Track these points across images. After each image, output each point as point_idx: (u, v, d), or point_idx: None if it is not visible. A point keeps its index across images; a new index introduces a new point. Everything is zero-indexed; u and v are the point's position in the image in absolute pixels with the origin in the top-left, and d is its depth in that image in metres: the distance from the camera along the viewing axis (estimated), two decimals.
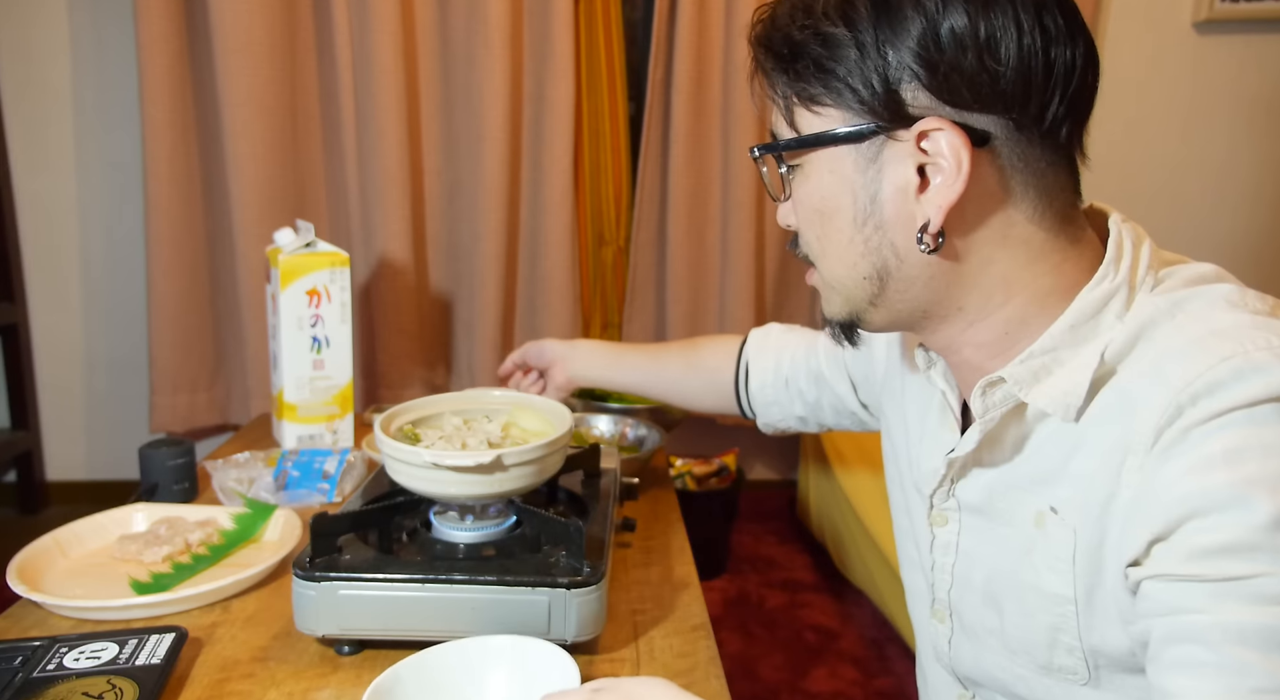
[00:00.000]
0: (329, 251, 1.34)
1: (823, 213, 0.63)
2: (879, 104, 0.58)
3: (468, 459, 0.80)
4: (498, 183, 2.34)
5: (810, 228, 0.65)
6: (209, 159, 2.30)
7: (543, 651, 0.70)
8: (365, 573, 0.78)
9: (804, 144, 0.62)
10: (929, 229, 0.59)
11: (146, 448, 1.15)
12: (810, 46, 0.59)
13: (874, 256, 0.62)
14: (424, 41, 2.32)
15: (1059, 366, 0.60)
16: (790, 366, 1.03)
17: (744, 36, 2.42)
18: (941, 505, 0.71)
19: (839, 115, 0.60)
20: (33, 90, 2.39)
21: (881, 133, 0.59)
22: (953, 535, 0.71)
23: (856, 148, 0.60)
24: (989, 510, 0.67)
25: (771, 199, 0.68)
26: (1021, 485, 0.64)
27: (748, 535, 2.66)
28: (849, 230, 0.62)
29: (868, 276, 0.63)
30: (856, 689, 1.91)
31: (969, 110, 0.57)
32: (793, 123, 0.63)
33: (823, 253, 0.65)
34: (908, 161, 0.58)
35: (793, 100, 0.62)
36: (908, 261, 0.61)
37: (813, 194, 0.63)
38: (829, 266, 0.65)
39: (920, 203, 0.59)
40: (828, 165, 0.61)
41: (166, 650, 0.75)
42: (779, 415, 1.06)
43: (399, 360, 2.42)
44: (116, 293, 2.50)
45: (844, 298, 0.66)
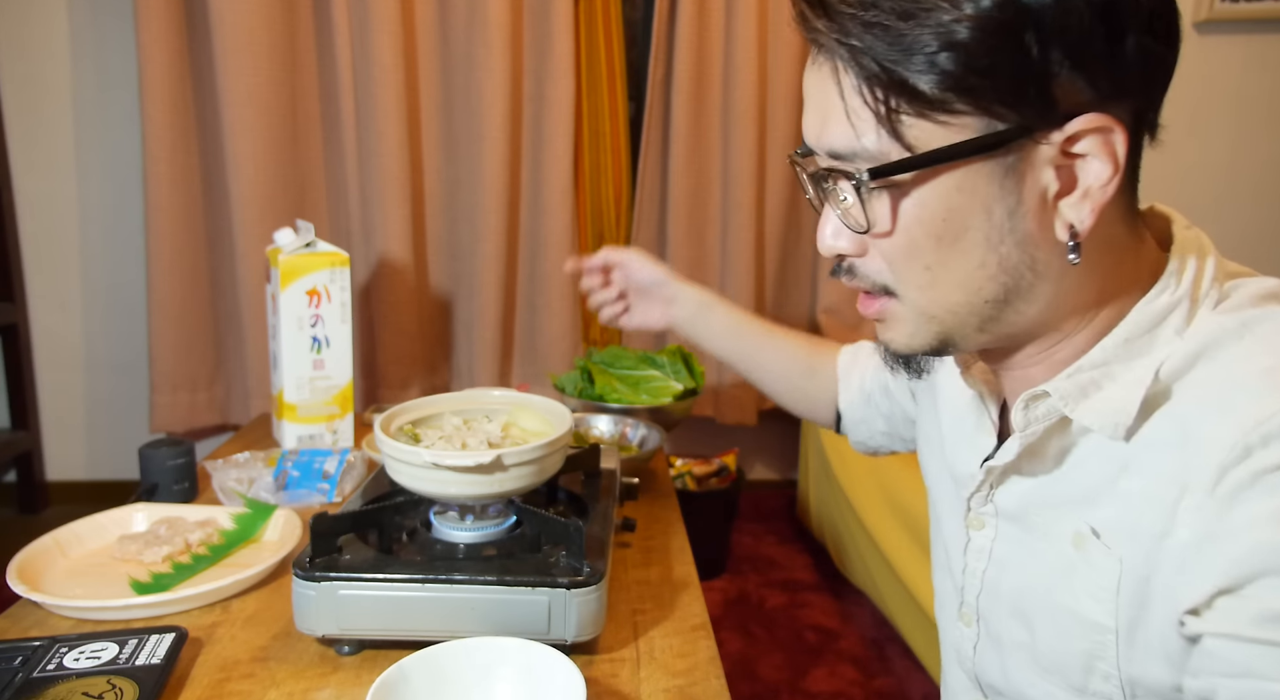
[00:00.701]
0: (329, 251, 1.34)
1: (942, 237, 0.54)
2: (1031, 103, 0.49)
3: (468, 459, 0.80)
4: (498, 183, 2.34)
5: (914, 257, 0.55)
6: (209, 159, 2.30)
7: (549, 657, 0.69)
8: (365, 573, 0.78)
9: (931, 161, 0.51)
10: (1079, 234, 0.52)
11: (146, 448, 1.15)
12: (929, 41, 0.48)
13: (1007, 277, 0.54)
14: (424, 41, 2.32)
15: (1109, 382, 0.55)
16: (871, 382, 0.97)
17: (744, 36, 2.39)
18: (979, 509, 0.67)
19: (974, 122, 0.50)
20: (32, 90, 2.39)
21: (1028, 137, 0.50)
22: (988, 541, 0.67)
23: (993, 157, 0.51)
24: (1025, 521, 0.63)
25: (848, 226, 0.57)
26: (1060, 500, 0.60)
27: (748, 535, 2.66)
28: (979, 252, 0.54)
29: (992, 300, 0.55)
30: (856, 689, 1.91)
31: (1116, 100, 0.50)
32: (902, 136, 0.51)
33: (930, 282, 0.56)
34: (1048, 164, 0.51)
35: (901, 109, 0.51)
36: (1044, 276, 0.55)
37: (930, 218, 0.53)
38: (939, 295, 0.56)
39: (1060, 209, 0.52)
40: (954, 182, 0.52)
41: (166, 650, 0.75)
42: (866, 433, 0.99)
43: (399, 360, 2.42)
44: (116, 293, 2.50)
45: (945, 327, 0.58)
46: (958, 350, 0.60)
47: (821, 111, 0.55)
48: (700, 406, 2.57)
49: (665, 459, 1.38)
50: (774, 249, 2.55)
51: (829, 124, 0.54)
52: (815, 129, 0.56)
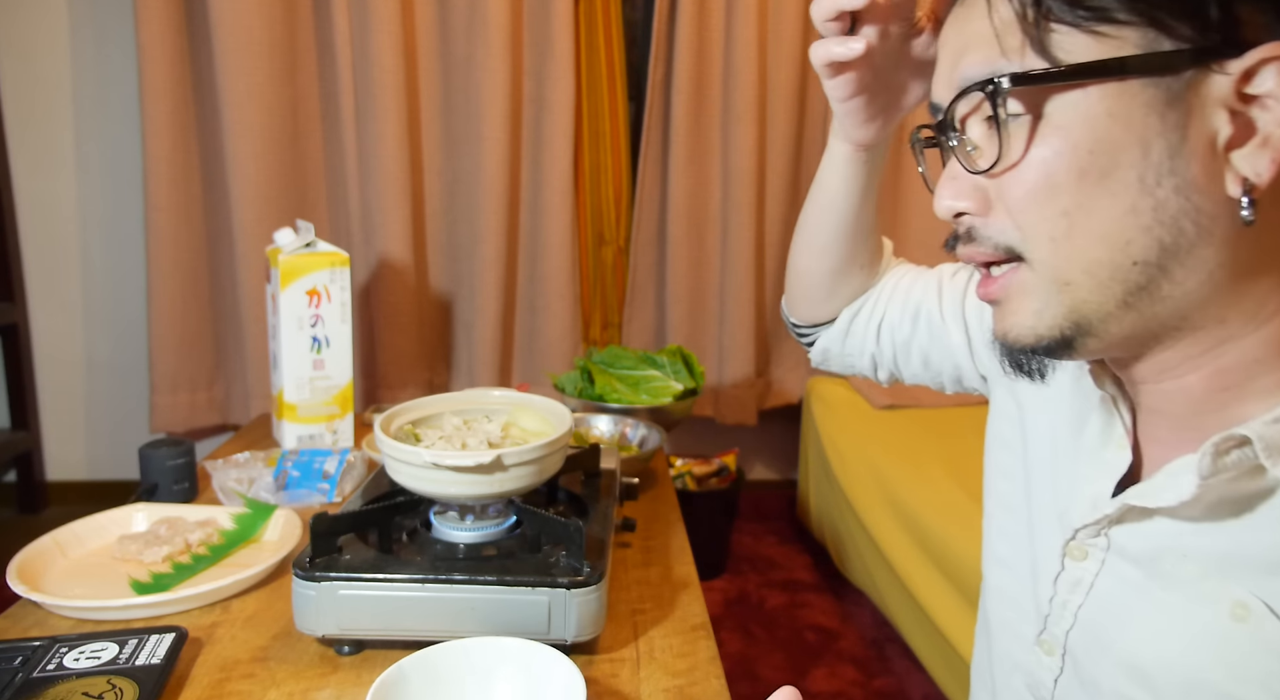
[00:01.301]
0: (329, 251, 1.34)
1: (1086, 172, 0.46)
2: (1211, 20, 0.42)
3: (468, 459, 0.80)
4: (498, 183, 2.34)
5: (1049, 199, 0.47)
6: (209, 159, 2.30)
7: (549, 657, 0.69)
8: (365, 573, 0.78)
9: (1080, 75, 0.44)
10: (1258, 186, 0.44)
11: (146, 448, 1.15)
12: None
13: (1164, 230, 0.45)
14: (424, 41, 2.32)
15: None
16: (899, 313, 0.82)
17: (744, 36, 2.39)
18: (1086, 540, 0.57)
19: (1136, 35, 0.43)
20: (33, 89, 2.39)
21: (1201, 61, 0.43)
22: (1087, 574, 0.57)
23: (1156, 82, 0.44)
24: (1153, 568, 0.53)
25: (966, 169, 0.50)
26: (1222, 558, 0.49)
27: (748, 535, 2.66)
28: (1130, 195, 0.45)
29: (1142, 260, 0.46)
30: (856, 689, 1.91)
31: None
32: (1047, 48, 0.45)
33: (1068, 232, 0.47)
34: (1220, 104, 0.44)
35: (1051, 17, 0.45)
36: (1209, 235, 0.45)
37: (1074, 147, 0.46)
38: (1077, 250, 0.47)
39: (1233, 162, 0.44)
40: (1105, 105, 0.45)
41: (166, 650, 0.75)
42: (854, 347, 0.85)
43: (399, 360, 2.42)
44: (116, 293, 2.50)
45: (1078, 299, 0.48)
46: (1094, 338, 0.49)
47: (958, 49, 0.50)
48: (700, 406, 2.57)
49: (665, 459, 1.38)
50: (774, 249, 2.55)
51: (967, 54, 0.49)
52: (948, 70, 0.51)
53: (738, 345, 2.51)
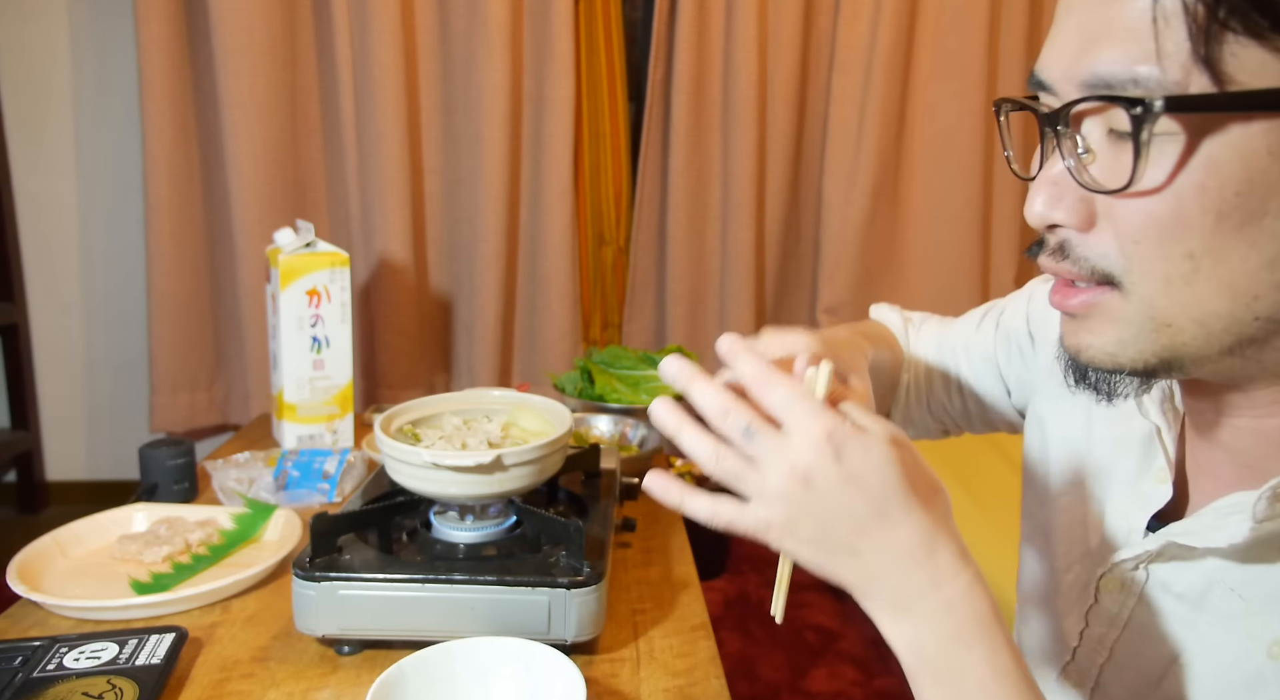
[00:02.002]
0: (329, 251, 1.34)
1: (1227, 217, 0.39)
2: None
3: (468, 459, 0.80)
4: (498, 183, 2.34)
5: (1175, 237, 0.40)
6: (209, 159, 2.30)
7: (549, 657, 0.69)
8: (365, 573, 0.78)
9: (1257, 104, 0.37)
10: None
11: (146, 448, 1.15)
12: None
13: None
14: (424, 41, 2.32)
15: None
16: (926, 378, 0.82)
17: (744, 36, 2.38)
18: (1124, 573, 0.54)
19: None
20: (33, 90, 2.39)
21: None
22: (1122, 608, 0.54)
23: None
24: (1202, 603, 0.50)
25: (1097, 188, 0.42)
26: (1269, 594, 0.46)
27: None
28: (1274, 247, 0.39)
29: (1266, 316, 0.41)
30: (856, 689, 1.91)
31: None
32: (1217, 62, 0.37)
33: (1188, 276, 0.41)
34: None
35: (1233, 21, 0.36)
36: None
37: (1218, 185, 0.39)
38: (1191, 297, 0.41)
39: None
40: (1268, 141, 0.37)
41: (166, 650, 0.75)
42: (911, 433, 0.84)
43: (399, 360, 2.42)
44: (116, 293, 2.50)
45: (1176, 342, 0.43)
46: (1182, 373, 0.45)
47: (1091, 29, 0.41)
48: None
49: (665, 459, 1.38)
50: (774, 249, 2.55)
51: (1103, 42, 0.40)
52: (1072, 50, 0.42)
53: None
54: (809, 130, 2.52)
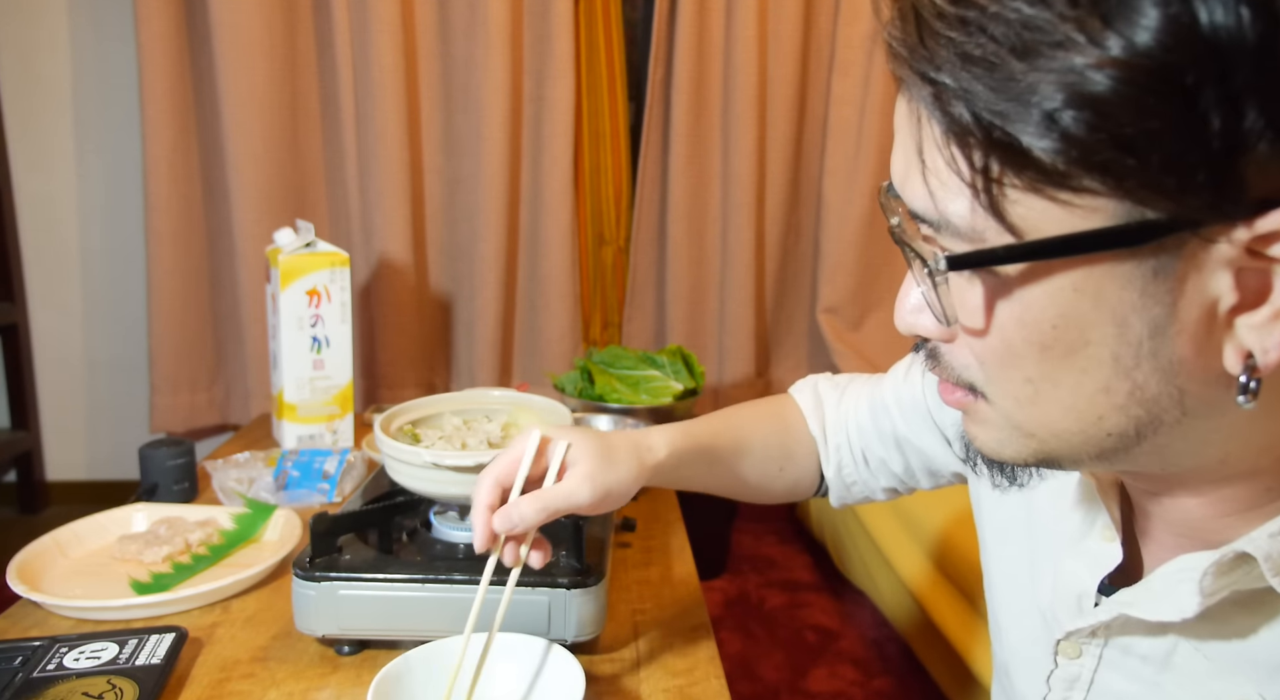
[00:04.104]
0: (329, 251, 1.34)
1: (1050, 349, 0.39)
2: (1204, 186, 0.33)
3: (468, 459, 0.80)
4: (498, 183, 2.34)
5: (1011, 364, 0.41)
6: (209, 159, 2.30)
7: (549, 651, 0.69)
8: (365, 573, 0.78)
9: (1040, 253, 0.37)
10: (1259, 368, 0.36)
11: (146, 448, 1.15)
12: (1052, 92, 0.33)
13: (1142, 410, 0.39)
14: (424, 41, 2.32)
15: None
16: (861, 437, 0.80)
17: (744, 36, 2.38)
18: (1081, 639, 0.52)
19: (1109, 204, 0.35)
20: (33, 89, 2.39)
21: (1193, 230, 0.35)
22: (1084, 671, 0.53)
23: (1136, 254, 0.36)
24: (1168, 663, 0.48)
25: (937, 317, 0.43)
26: (1225, 657, 0.45)
27: (748, 535, 2.66)
28: (1103, 374, 0.39)
29: (1116, 432, 0.41)
30: (856, 689, 1.91)
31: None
32: (1003, 214, 0.37)
33: (1033, 397, 0.41)
34: (1222, 270, 0.36)
35: (1005, 180, 0.36)
36: (1194, 414, 0.39)
37: (1035, 321, 0.39)
38: (1041, 414, 0.42)
39: (1237, 330, 0.37)
40: (1074, 280, 0.37)
41: (166, 650, 0.75)
42: (861, 493, 0.83)
43: (399, 360, 2.42)
44: (116, 293, 2.50)
45: (1047, 449, 0.43)
46: (1066, 469, 0.46)
47: (905, 157, 0.41)
48: (700, 406, 2.56)
49: None
50: (774, 249, 2.55)
51: (910, 177, 0.41)
52: (899, 174, 0.42)
53: (738, 345, 2.51)
54: (809, 130, 2.52)
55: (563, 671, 0.68)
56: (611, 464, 0.69)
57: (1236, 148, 0.32)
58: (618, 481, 0.69)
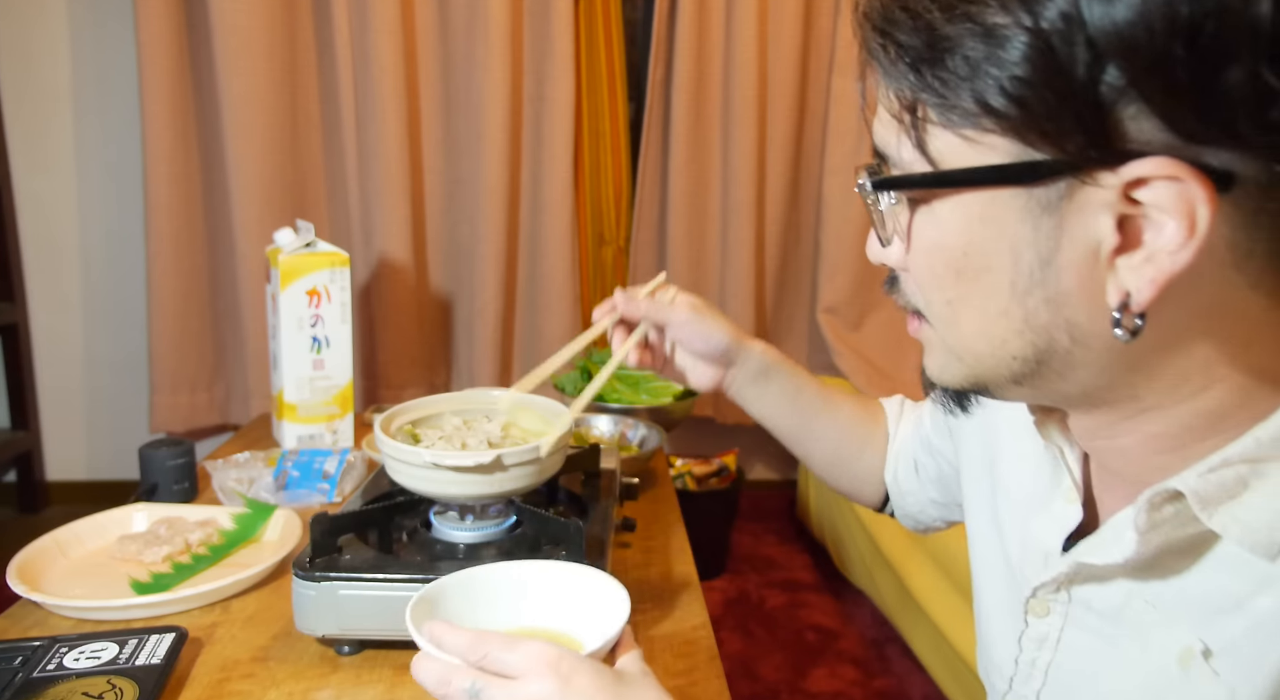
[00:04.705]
0: (329, 251, 1.34)
1: (961, 271, 0.45)
2: (1077, 132, 0.39)
3: (468, 459, 0.80)
4: (498, 183, 2.34)
5: (936, 285, 0.47)
6: (209, 159, 2.30)
7: (591, 575, 0.66)
8: (365, 573, 0.78)
9: (946, 181, 0.44)
10: (1131, 306, 0.41)
11: (146, 448, 1.15)
12: (965, 41, 0.40)
13: (1036, 336, 0.45)
14: (424, 41, 2.32)
15: (1260, 482, 0.44)
16: (911, 445, 0.84)
17: (744, 36, 2.39)
18: (1047, 596, 0.56)
19: (1004, 143, 0.41)
20: (33, 90, 2.39)
21: (1073, 173, 0.40)
22: (1052, 630, 0.56)
23: (1028, 191, 0.42)
24: (1116, 617, 0.52)
25: (879, 238, 0.50)
26: (1169, 604, 0.49)
27: (748, 535, 2.66)
28: (1002, 299, 0.44)
29: (1020, 357, 0.46)
30: (856, 689, 1.91)
31: (1214, 146, 0.38)
32: (925, 146, 0.44)
33: (953, 319, 0.47)
34: (1103, 212, 0.40)
35: (926, 116, 0.43)
36: (1084, 344, 0.44)
37: (949, 246, 0.45)
38: (960, 336, 0.48)
39: (1118, 269, 0.41)
40: (977, 210, 0.43)
41: (166, 650, 0.75)
42: (915, 506, 0.85)
43: (399, 360, 2.42)
44: (116, 293, 2.50)
45: (973, 371, 0.49)
46: (996, 398, 0.51)
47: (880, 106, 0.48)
48: (700, 406, 2.57)
49: (665, 459, 1.38)
50: (774, 249, 2.55)
51: (879, 117, 0.48)
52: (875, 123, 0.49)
53: None
54: (809, 130, 2.52)
55: (607, 593, 0.65)
56: (712, 311, 0.86)
57: (1102, 102, 0.38)
58: (714, 322, 0.85)
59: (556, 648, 0.53)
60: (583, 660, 0.53)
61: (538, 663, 0.51)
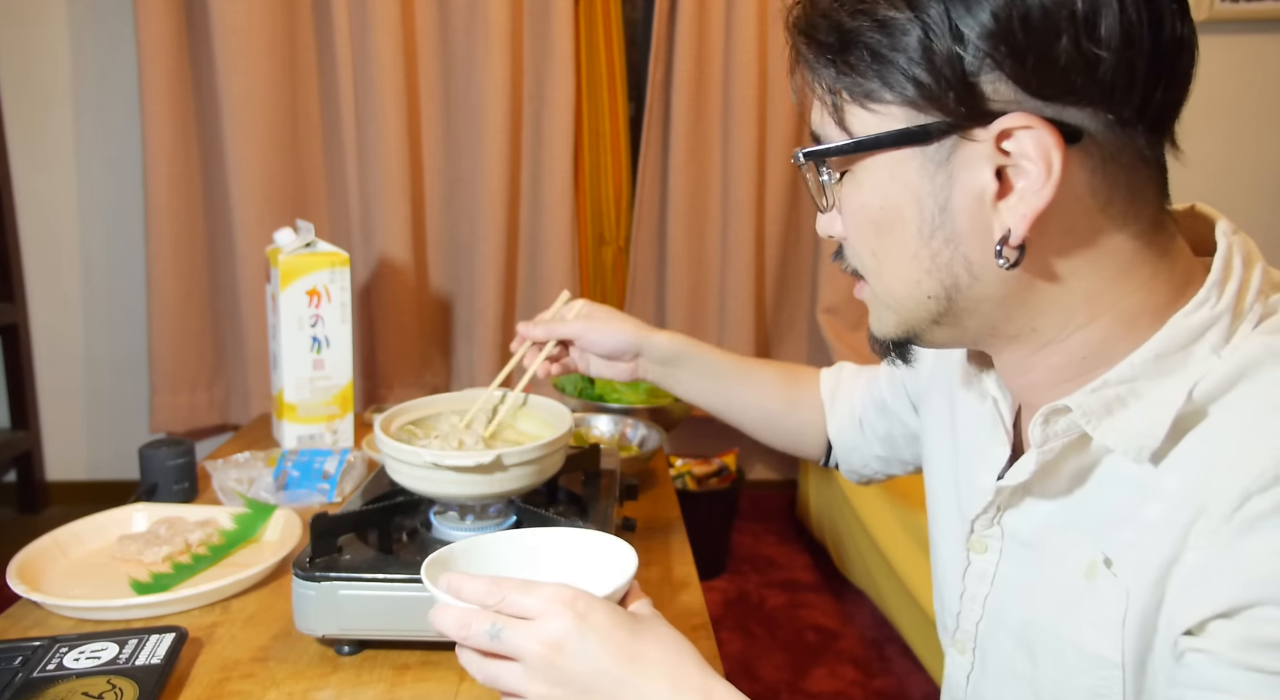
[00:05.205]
0: (329, 251, 1.34)
1: (880, 224, 0.55)
2: (952, 98, 0.49)
3: (468, 459, 0.80)
4: (498, 183, 2.34)
5: (863, 241, 0.57)
6: (209, 159, 2.30)
7: (598, 538, 0.67)
8: (365, 573, 0.78)
9: (860, 148, 0.54)
10: (1010, 241, 0.51)
11: (146, 448, 1.15)
12: (865, 34, 0.51)
13: (942, 273, 0.54)
14: (424, 41, 2.32)
15: (1135, 399, 0.52)
16: (861, 405, 0.92)
17: (744, 36, 2.39)
18: (983, 531, 0.64)
19: (901, 112, 0.51)
20: (33, 90, 2.39)
21: (954, 132, 0.50)
22: (990, 565, 0.64)
23: (923, 150, 0.52)
24: (1037, 545, 0.60)
25: (817, 209, 0.61)
26: (1076, 526, 0.57)
27: (748, 535, 2.66)
28: (913, 244, 0.54)
29: (933, 295, 0.55)
30: (856, 689, 1.91)
31: (1060, 102, 0.49)
32: (843, 123, 0.54)
33: (878, 269, 0.57)
34: (984, 164, 0.51)
35: (842, 97, 0.53)
36: (981, 278, 0.53)
37: (868, 204, 0.55)
38: (886, 284, 0.57)
39: (1000, 211, 0.51)
40: (887, 170, 0.53)
41: (166, 650, 0.75)
42: (860, 461, 0.94)
43: (399, 360, 2.42)
44: (116, 293, 2.50)
45: (901, 317, 0.58)
46: (926, 343, 0.60)
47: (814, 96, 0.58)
48: None
49: (665, 459, 1.38)
50: (774, 249, 2.55)
51: (814, 106, 0.57)
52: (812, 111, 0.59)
53: (738, 345, 2.51)
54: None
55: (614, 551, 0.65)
56: (609, 314, 0.95)
57: (970, 70, 0.49)
58: (611, 324, 0.93)
59: (572, 588, 0.55)
60: (598, 599, 0.56)
61: (554, 602, 0.54)
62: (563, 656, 0.53)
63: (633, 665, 0.53)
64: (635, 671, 0.53)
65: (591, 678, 0.53)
